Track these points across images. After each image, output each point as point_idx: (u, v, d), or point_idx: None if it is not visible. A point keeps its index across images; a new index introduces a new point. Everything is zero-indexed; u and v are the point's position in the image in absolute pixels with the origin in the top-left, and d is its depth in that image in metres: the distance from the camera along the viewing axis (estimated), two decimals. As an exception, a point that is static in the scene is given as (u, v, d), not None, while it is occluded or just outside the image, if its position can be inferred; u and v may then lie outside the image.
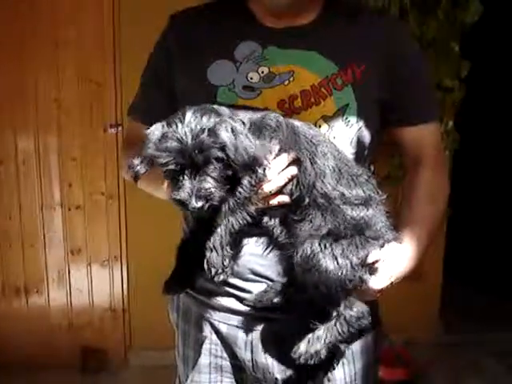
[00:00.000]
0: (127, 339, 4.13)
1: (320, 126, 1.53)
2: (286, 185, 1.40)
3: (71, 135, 3.80)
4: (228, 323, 1.68)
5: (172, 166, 1.28)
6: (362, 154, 1.60)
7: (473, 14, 3.31)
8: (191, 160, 1.27)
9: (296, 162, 1.40)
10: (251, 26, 1.59)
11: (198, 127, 1.27)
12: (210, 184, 1.28)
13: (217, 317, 1.69)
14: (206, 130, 1.27)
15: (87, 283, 4.01)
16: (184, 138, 1.26)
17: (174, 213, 1.69)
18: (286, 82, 1.53)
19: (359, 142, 1.58)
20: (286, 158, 1.38)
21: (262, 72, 1.54)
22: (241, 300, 1.63)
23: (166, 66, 1.67)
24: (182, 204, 1.29)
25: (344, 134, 1.55)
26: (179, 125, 1.27)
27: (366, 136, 1.59)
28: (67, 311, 4.04)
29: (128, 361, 4.14)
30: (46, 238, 3.91)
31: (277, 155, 1.38)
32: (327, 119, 1.54)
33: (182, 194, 1.28)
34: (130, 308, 4.08)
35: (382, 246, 1.44)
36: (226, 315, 1.68)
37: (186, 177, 1.29)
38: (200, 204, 1.27)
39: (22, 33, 3.64)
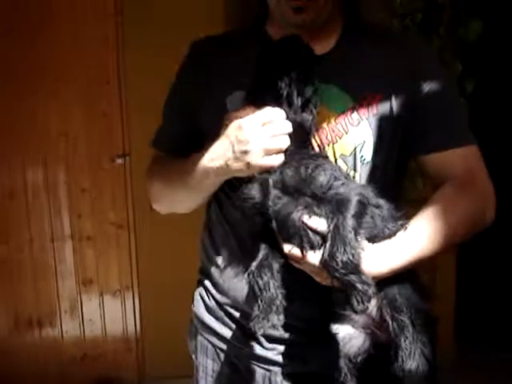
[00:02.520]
0: (141, 369, 4.11)
1: (339, 168, 1.48)
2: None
3: (79, 167, 3.82)
4: (247, 361, 1.67)
5: None
6: (380, 188, 1.49)
7: (474, 31, 3.32)
8: None
9: None
10: None
11: None
12: None
13: (235, 353, 1.69)
14: None
15: (99, 314, 4.00)
16: None
17: (184, 241, 1.70)
18: None
19: (375, 178, 1.53)
20: None
21: None
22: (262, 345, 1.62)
23: (187, 94, 1.67)
24: None
25: (360, 173, 1.52)
26: None
27: (383, 171, 1.55)
28: (80, 342, 4.03)
29: (142, 390, 4.12)
30: (58, 270, 3.91)
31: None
32: (346, 159, 1.51)
33: None
34: (144, 337, 4.06)
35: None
36: (244, 352, 1.67)
37: None
38: None
39: (27, 69, 3.68)
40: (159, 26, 3.48)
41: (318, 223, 1.33)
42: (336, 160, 1.50)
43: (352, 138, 1.50)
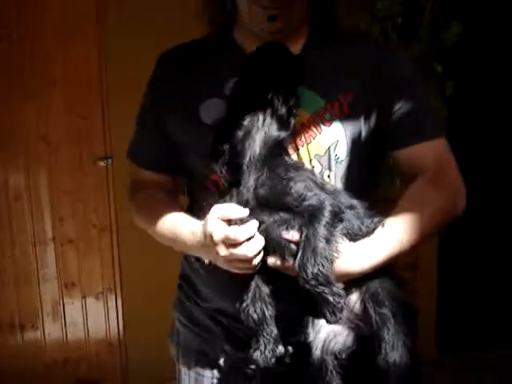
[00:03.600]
0: (124, 372, 4.09)
1: (314, 167, 1.53)
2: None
3: (61, 169, 3.80)
4: (230, 361, 1.69)
5: None
6: (356, 186, 1.56)
7: (454, 33, 3.34)
8: None
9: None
10: (240, 61, 1.56)
11: None
12: None
13: (218, 353, 1.70)
14: None
15: (82, 317, 3.99)
16: None
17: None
18: None
19: (350, 177, 1.57)
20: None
21: None
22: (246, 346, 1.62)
23: (157, 109, 1.67)
24: None
25: (335, 172, 1.54)
26: None
27: (358, 169, 1.58)
28: (63, 345, 4.01)
29: (125, 394, 4.11)
30: (40, 273, 3.89)
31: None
32: (320, 159, 1.53)
33: None
34: (126, 340, 4.05)
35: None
36: (229, 354, 1.69)
37: None
38: None
39: (9, 70, 3.66)
40: (142, 30, 3.48)
41: (295, 235, 1.36)
42: (311, 160, 1.53)
43: (325, 137, 1.53)
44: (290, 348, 1.57)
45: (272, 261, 1.40)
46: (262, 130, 1.40)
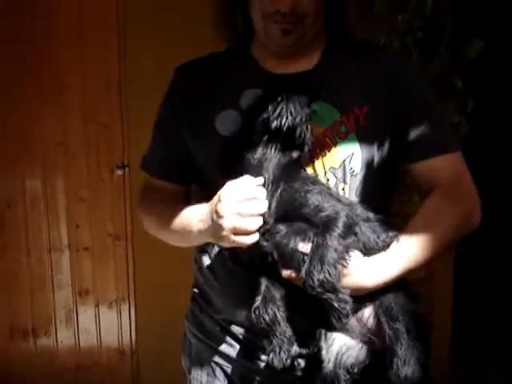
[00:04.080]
0: (135, 380, 4.08)
1: (329, 180, 1.53)
2: None
3: (78, 177, 3.82)
4: (242, 373, 1.68)
5: None
6: (370, 199, 1.56)
7: (475, 50, 3.33)
8: None
9: None
10: (255, 73, 1.61)
11: None
12: None
13: (230, 365, 1.69)
14: None
15: (95, 324, 3.99)
16: None
17: (181, 254, 1.70)
18: None
19: (365, 190, 1.56)
20: None
21: None
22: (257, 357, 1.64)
23: (174, 120, 1.68)
24: None
25: (350, 185, 1.54)
26: None
27: (373, 182, 1.57)
28: (75, 353, 4.01)
29: (136, 402, 4.10)
30: (54, 280, 3.90)
31: None
32: (335, 172, 1.53)
33: None
34: (139, 349, 4.04)
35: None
36: (241, 365, 1.68)
37: None
38: None
39: (27, 76, 3.69)
40: (162, 38, 3.49)
41: (309, 247, 1.36)
42: (325, 173, 1.53)
43: (340, 150, 1.53)
44: (301, 361, 1.57)
45: (287, 273, 1.40)
46: (275, 157, 1.42)
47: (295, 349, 1.46)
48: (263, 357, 1.60)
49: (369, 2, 3.09)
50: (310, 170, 1.51)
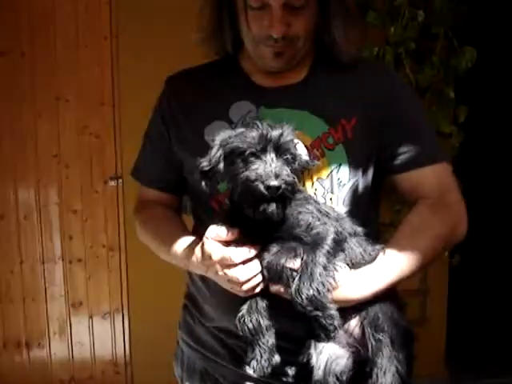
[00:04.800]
0: (129, 392, 4.08)
1: (316, 190, 1.54)
2: None
3: (72, 188, 3.82)
4: (233, 380, 1.68)
5: (252, 150, 1.32)
6: (358, 209, 1.58)
7: (467, 60, 3.34)
8: (274, 145, 1.32)
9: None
10: (245, 86, 1.63)
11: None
12: (286, 170, 1.32)
13: (222, 374, 1.70)
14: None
15: (89, 336, 3.98)
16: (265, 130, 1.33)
17: (174, 265, 1.69)
18: None
19: (353, 200, 1.57)
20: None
21: None
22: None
23: (164, 129, 1.70)
24: (252, 187, 1.29)
25: (338, 195, 1.55)
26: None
27: (360, 192, 1.58)
28: (69, 365, 4.00)
29: (131, 415, 4.08)
30: (48, 292, 3.89)
31: None
32: (322, 182, 1.55)
33: (259, 171, 1.29)
34: (132, 361, 4.03)
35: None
36: (232, 373, 1.68)
37: (266, 158, 1.32)
38: (277, 183, 1.27)
39: (23, 88, 3.69)
40: (154, 50, 3.51)
41: (297, 263, 1.36)
42: (313, 183, 1.54)
43: (328, 161, 1.55)
44: (292, 368, 1.59)
45: (275, 288, 1.41)
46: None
47: (276, 358, 1.46)
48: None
49: (359, 14, 3.11)
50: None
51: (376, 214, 1.75)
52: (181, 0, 3.05)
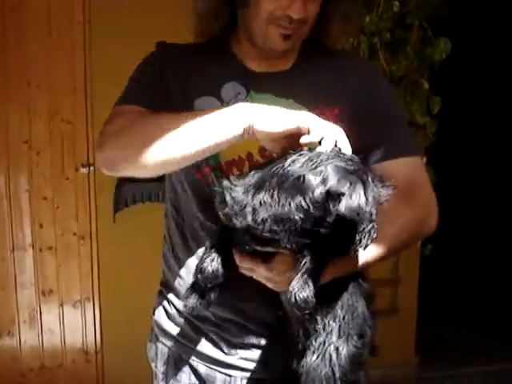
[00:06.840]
0: (100, 381, 4.07)
1: None
2: None
3: (42, 175, 3.78)
4: (207, 365, 1.68)
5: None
6: None
7: (442, 51, 3.35)
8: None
9: None
10: (235, 68, 1.62)
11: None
12: None
13: (196, 358, 1.69)
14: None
15: (59, 324, 3.95)
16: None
17: (146, 253, 1.68)
18: None
19: None
20: None
21: None
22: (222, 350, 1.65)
23: (161, 77, 1.59)
24: None
25: None
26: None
27: None
28: (39, 353, 3.98)
29: (102, 403, 4.07)
30: (18, 280, 3.85)
31: None
32: None
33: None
34: (103, 349, 4.02)
35: None
36: (205, 357, 1.68)
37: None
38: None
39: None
40: (126, 36, 3.47)
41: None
42: None
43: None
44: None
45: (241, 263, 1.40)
46: None
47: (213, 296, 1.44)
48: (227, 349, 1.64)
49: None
50: None
51: None
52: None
